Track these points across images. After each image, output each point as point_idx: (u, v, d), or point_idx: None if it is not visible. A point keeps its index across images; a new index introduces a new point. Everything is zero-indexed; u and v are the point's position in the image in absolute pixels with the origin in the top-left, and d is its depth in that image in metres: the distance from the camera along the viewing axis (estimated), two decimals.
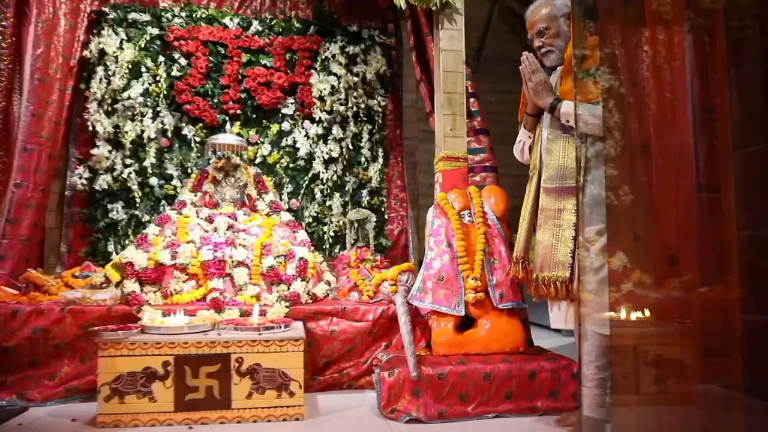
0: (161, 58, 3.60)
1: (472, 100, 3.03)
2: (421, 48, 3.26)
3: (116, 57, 3.52)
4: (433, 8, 2.91)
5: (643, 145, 1.45)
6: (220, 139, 3.40)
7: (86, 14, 3.43)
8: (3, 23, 2.88)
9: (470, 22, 2.23)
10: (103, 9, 3.54)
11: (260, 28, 3.77)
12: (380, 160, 3.86)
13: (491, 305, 2.51)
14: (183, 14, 3.69)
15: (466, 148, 2.99)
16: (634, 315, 1.58)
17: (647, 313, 1.51)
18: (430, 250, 2.67)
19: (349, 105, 3.79)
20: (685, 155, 1.31)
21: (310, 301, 2.84)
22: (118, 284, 2.71)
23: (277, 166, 3.71)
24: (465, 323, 2.55)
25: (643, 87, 1.48)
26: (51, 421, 2.19)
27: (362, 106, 3.83)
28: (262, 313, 2.56)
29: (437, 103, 3.05)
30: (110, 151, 3.50)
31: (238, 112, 3.69)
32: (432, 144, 3.14)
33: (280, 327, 2.35)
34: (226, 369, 2.18)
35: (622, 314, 1.56)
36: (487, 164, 2.99)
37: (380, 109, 3.87)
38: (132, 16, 3.59)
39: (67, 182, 3.51)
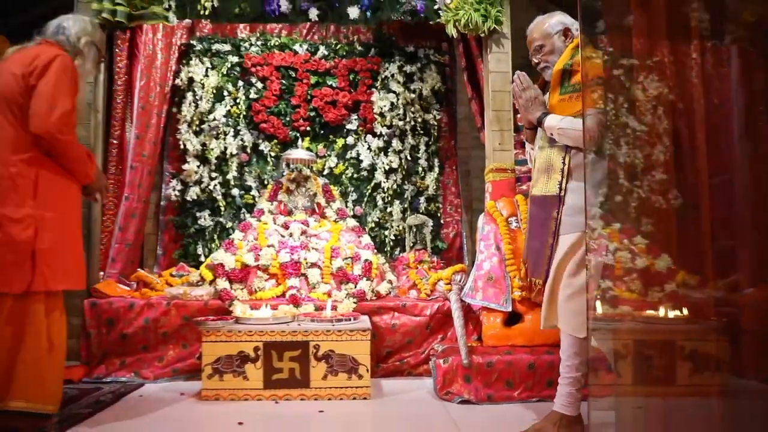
0: (240, 83, 4.07)
1: (518, 115, 3.32)
2: (472, 68, 3.57)
3: (202, 83, 4.01)
4: (482, 35, 3.22)
5: (691, 150, 1.59)
6: (293, 154, 3.83)
7: (177, 47, 3.91)
8: (119, 65, 3.42)
9: (520, 32, 2.40)
10: (191, 42, 4.03)
11: (326, 52, 4.18)
12: (436, 169, 4.19)
13: (535, 302, 2.80)
14: (258, 43, 4.14)
15: (514, 160, 3.28)
16: (674, 313, 1.81)
17: (686, 311, 1.71)
18: (480, 253, 2.98)
19: (407, 119, 4.15)
20: (731, 160, 1.47)
21: (374, 297, 3.21)
22: (211, 282, 3.18)
23: (343, 176, 4.11)
24: (512, 318, 2.84)
25: (691, 93, 1.68)
26: (164, 395, 2.66)
27: (419, 120, 4.17)
28: (334, 308, 2.95)
29: (487, 119, 3.35)
30: (198, 166, 4.00)
31: (308, 128, 4.11)
32: (484, 150, 3.44)
33: (350, 320, 2.74)
34: (306, 354, 2.58)
35: (663, 313, 1.78)
36: None
37: (435, 123, 4.21)
38: (215, 46, 4.07)
39: (162, 194, 4.04)
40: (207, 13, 3.54)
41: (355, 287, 3.17)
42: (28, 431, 2.03)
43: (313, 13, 3.53)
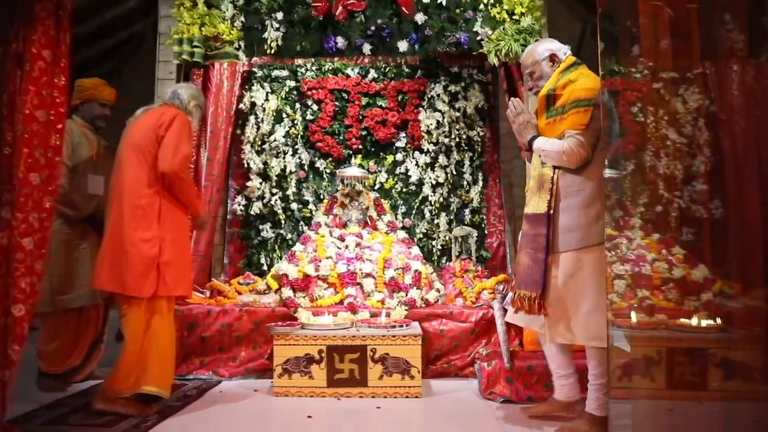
0: (298, 106, 4.43)
1: None
2: (513, 91, 3.81)
3: (263, 107, 4.39)
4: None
5: (734, 161, 1.72)
6: (347, 171, 4.17)
7: (240, 74, 4.29)
8: None
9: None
10: (253, 69, 4.42)
11: (376, 75, 4.49)
12: (480, 182, 4.45)
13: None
14: (314, 68, 4.49)
15: None
16: (708, 322, 1.98)
17: (719, 320, 1.87)
18: None
19: (452, 136, 4.41)
20: None
21: (423, 305, 3.50)
22: (277, 291, 3.54)
23: (393, 191, 4.42)
24: None
25: (733, 106, 1.77)
26: (240, 391, 3.03)
27: (463, 136, 4.43)
28: (388, 315, 3.26)
29: None
30: (260, 183, 4.38)
31: (360, 147, 4.43)
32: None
33: (402, 326, 3.04)
34: (364, 357, 2.90)
35: (697, 321, 1.95)
36: None
37: (479, 139, 4.46)
38: (274, 73, 4.45)
39: (228, 208, 4.44)
40: (272, 51, 3.92)
41: (406, 296, 3.47)
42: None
43: (367, 48, 3.84)
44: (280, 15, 3.73)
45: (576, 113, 2.21)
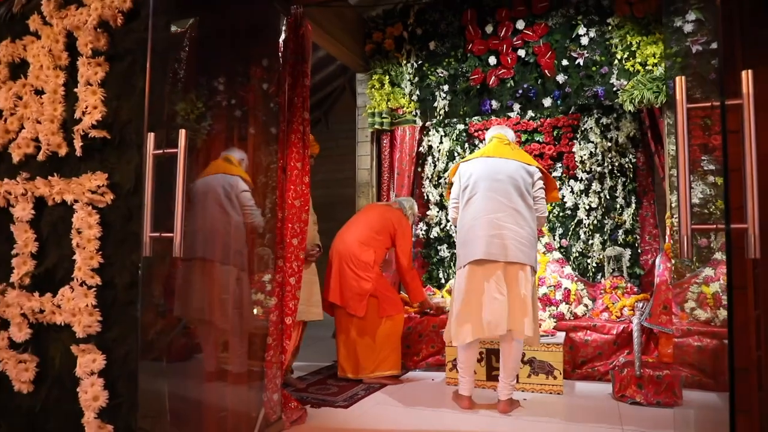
0: (466, 145, 5.31)
1: None
2: (654, 125, 4.24)
3: (438, 149, 5.35)
4: (656, 106, 3.91)
5: None
6: None
7: (418, 130, 5.32)
8: (384, 153, 4.97)
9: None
10: (427, 125, 5.41)
11: (533, 114, 5.17)
12: (633, 205, 4.88)
13: None
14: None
15: None
16: None
17: None
18: (656, 286, 3.71)
19: (605, 164, 4.92)
20: None
21: (571, 318, 4.15)
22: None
23: (550, 215, 5.07)
24: None
25: None
26: (423, 378, 4.03)
27: (616, 164, 4.91)
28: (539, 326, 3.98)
29: (666, 171, 4.01)
30: (438, 212, 5.36)
31: None
32: None
33: (548, 336, 3.75)
34: None
35: None
36: None
37: (631, 165, 4.89)
38: (446, 120, 5.39)
39: (413, 233, 5.50)
40: (441, 117, 4.88)
41: (556, 309, 4.15)
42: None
43: (516, 108, 4.59)
44: (446, 87, 4.68)
45: None
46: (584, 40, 4.30)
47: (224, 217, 2.66)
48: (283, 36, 2.96)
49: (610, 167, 4.92)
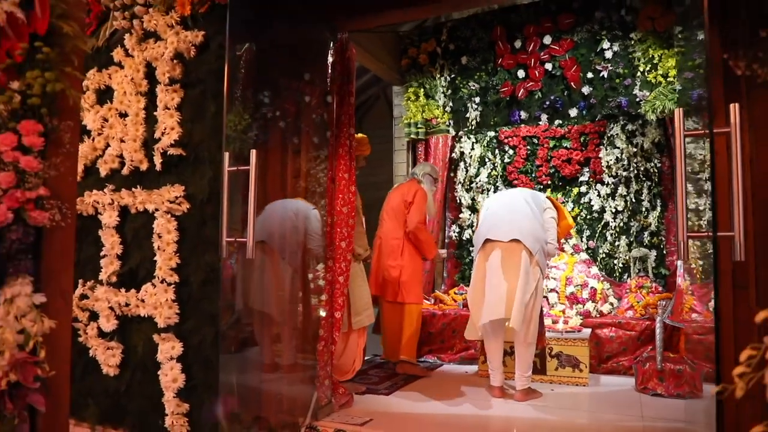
0: (497, 152, 5.57)
1: None
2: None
3: (470, 155, 5.63)
4: None
5: None
6: None
7: (452, 137, 5.60)
8: (418, 160, 5.28)
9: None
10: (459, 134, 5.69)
11: (561, 121, 5.40)
12: (658, 208, 5.07)
13: None
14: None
15: None
16: None
17: None
18: (678, 286, 3.93)
19: (631, 169, 5.12)
20: None
21: (597, 315, 4.39)
22: None
23: (578, 218, 5.30)
24: None
25: None
26: (457, 371, 4.33)
27: (641, 168, 5.10)
28: (566, 322, 4.24)
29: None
30: (470, 215, 5.64)
31: (549, 182, 5.40)
32: None
33: (574, 332, 4.00)
34: (543, 353, 3.95)
35: None
36: None
37: (656, 170, 5.08)
38: (478, 129, 5.66)
39: (446, 234, 5.79)
40: (473, 127, 5.17)
41: (583, 307, 4.39)
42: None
43: (544, 118, 4.84)
44: (477, 99, 4.97)
45: None
46: (608, 54, 4.53)
47: (294, 235, 3.08)
48: (330, 59, 3.29)
49: (635, 172, 5.12)
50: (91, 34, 3.09)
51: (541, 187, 5.41)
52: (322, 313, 3.12)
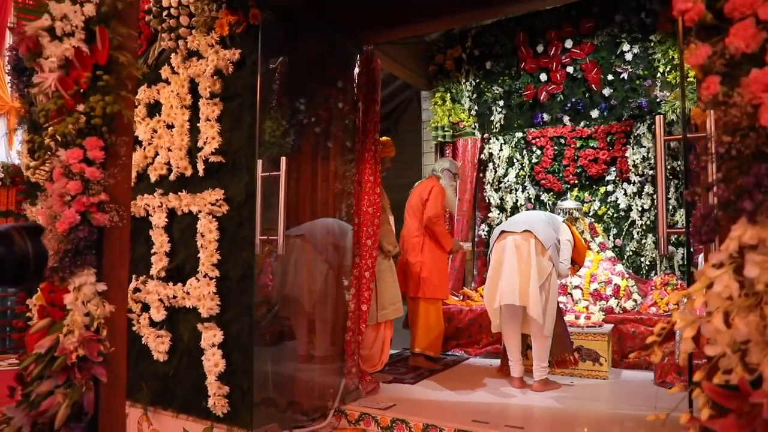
0: (525, 152, 5.72)
1: None
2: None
3: (499, 155, 5.79)
4: None
5: None
6: (564, 204, 5.30)
7: (480, 139, 5.78)
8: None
9: None
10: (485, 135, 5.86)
11: (587, 122, 5.51)
12: (684, 207, 5.12)
13: None
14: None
15: None
16: None
17: None
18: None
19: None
20: None
21: (620, 312, 4.49)
22: None
23: (605, 216, 5.39)
24: None
25: None
26: (482, 364, 4.51)
27: (668, 167, 5.17)
28: (588, 318, 4.37)
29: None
30: (498, 214, 5.80)
31: (576, 181, 5.51)
32: None
33: (595, 327, 4.13)
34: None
35: None
36: None
37: (682, 168, 5.13)
38: (503, 131, 5.82)
39: (475, 233, 5.97)
40: (497, 129, 5.34)
41: (606, 303, 4.51)
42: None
43: (566, 119, 4.97)
44: (501, 102, 5.14)
45: None
46: (628, 56, 4.64)
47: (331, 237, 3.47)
48: (356, 70, 3.55)
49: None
50: (142, 54, 3.44)
51: (568, 186, 5.53)
52: (350, 306, 3.38)
